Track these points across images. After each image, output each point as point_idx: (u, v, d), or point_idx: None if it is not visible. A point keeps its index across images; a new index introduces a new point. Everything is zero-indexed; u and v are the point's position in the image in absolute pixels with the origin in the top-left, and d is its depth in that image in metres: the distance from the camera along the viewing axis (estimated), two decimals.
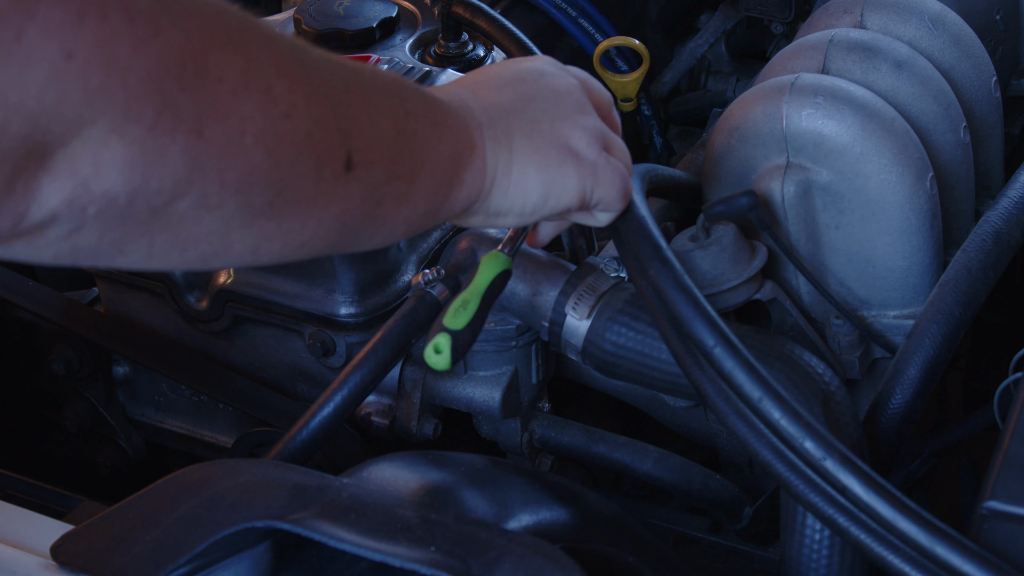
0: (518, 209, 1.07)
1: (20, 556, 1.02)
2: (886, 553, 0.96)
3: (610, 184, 1.10)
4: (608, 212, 1.13)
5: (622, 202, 1.13)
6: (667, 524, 1.42)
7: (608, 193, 1.10)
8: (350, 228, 0.93)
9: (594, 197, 1.09)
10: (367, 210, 0.93)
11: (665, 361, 1.24)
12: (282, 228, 0.87)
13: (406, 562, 0.89)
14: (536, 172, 1.06)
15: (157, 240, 0.81)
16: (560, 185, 1.07)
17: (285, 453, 1.21)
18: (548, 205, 1.08)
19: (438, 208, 1.01)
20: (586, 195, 1.09)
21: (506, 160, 1.05)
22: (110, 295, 1.54)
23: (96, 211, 0.75)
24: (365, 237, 0.97)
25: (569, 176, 1.07)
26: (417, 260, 1.44)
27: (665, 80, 1.86)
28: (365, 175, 0.90)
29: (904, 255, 1.34)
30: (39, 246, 0.77)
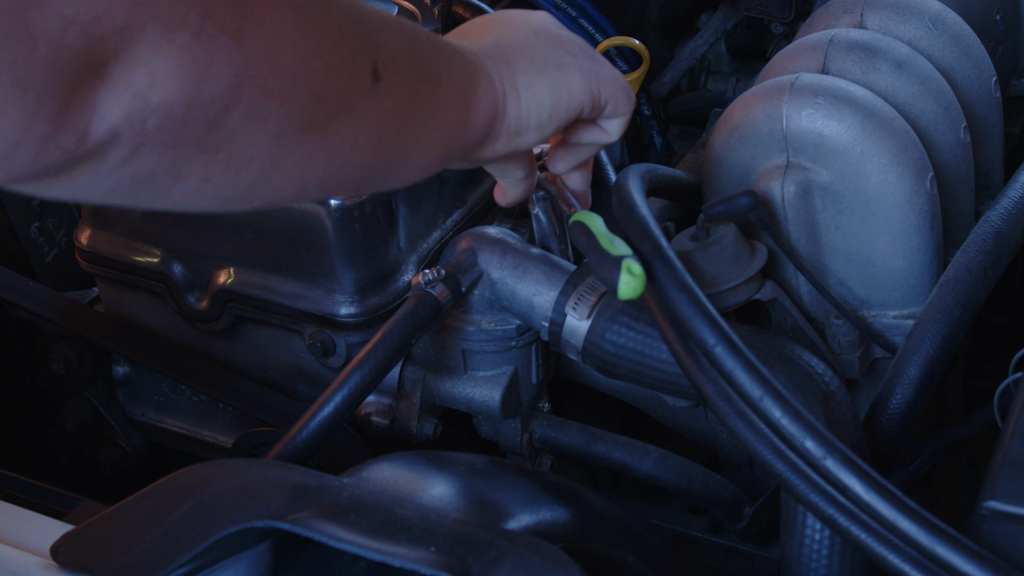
0: (535, 119, 1.10)
1: (20, 556, 1.02)
2: (886, 553, 0.96)
3: (614, 83, 1.15)
4: (617, 116, 1.17)
5: (629, 104, 1.17)
6: (667, 524, 1.42)
7: (614, 91, 1.15)
8: (386, 146, 0.96)
9: (602, 95, 1.14)
10: (398, 126, 0.96)
11: (665, 361, 1.24)
12: (324, 144, 0.89)
13: (406, 562, 0.89)
14: (540, 79, 1.10)
15: (212, 161, 0.83)
16: (567, 85, 1.12)
17: (285, 453, 1.21)
18: (561, 107, 1.12)
19: (463, 129, 1.05)
20: (594, 92, 1.13)
21: (510, 77, 1.09)
22: (110, 295, 1.54)
23: (155, 125, 0.77)
24: (400, 161, 0.99)
25: (573, 76, 1.12)
26: (417, 260, 1.44)
27: (665, 80, 1.86)
28: (391, 88, 0.93)
29: (904, 255, 1.34)
30: (100, 174, 0.78)
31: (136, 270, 1.48)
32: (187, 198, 0.85)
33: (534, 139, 1.13)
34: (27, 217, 1.74)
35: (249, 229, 1.41)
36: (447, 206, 1.49)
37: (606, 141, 1.20)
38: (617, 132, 1.18)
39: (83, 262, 1.51)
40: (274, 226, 1.39)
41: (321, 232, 1.37)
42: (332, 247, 1.38)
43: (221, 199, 0.88)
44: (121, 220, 1.47)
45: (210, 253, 1.45)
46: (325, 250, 1.38)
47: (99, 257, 1.50)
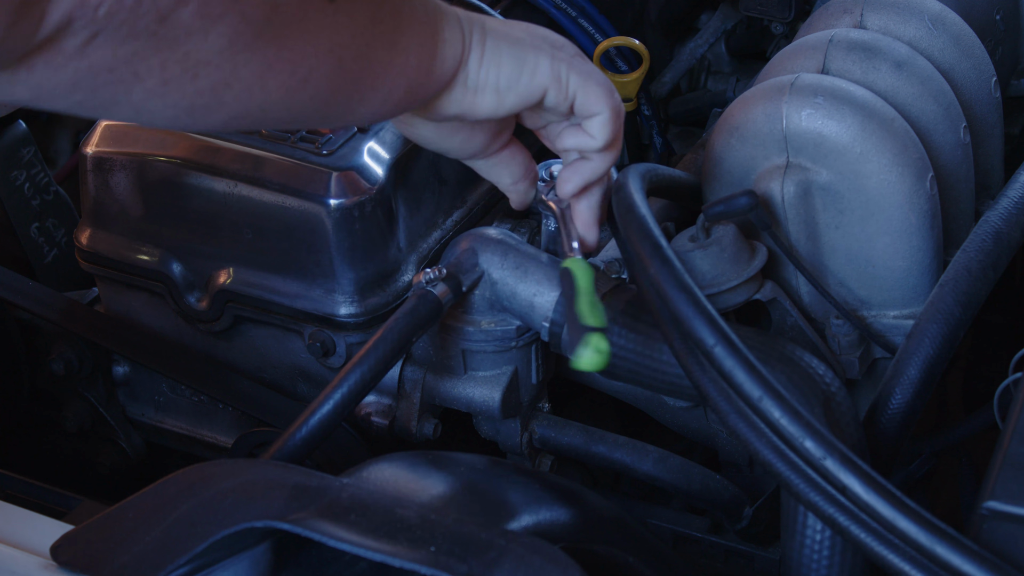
0: (493, 81, 1.10)
1: (20, 556, 1.02)
2: (886, 552, 0.96)
3: (590, 77, 1.14)
4: (594, 115, 1.15)
5: (604, 102, 1.15)
6: (667, 524, 1.42)
7: (587, 85, 1.13)
8: (348, 68, 0.97)
9: (570, 84, 1.12)
10: (359, 50, 0.97)
11: (666, 362, 1.24)
12: (282, 56, 0.91)
13: (406, 562, 0.89)
14: (508, 46, 1.10)
15: (169, 61, 0.85)
16: (533, 61, 1.11)
17: (285, 450, 1.21)
18: (523, 80, 1.11)
19: (429, 66, 1.05)
20: (561, 77, 1.12)
21: (479, 33, 1.09)
22: (110, 295, 1.54)
23: (106, 12, 0.80)
24: (366, 86, 1.00)
25: (542, 56, 1.12)
26: (417, 260, 1.44)
27: (665, 80, 1.86)
28: (348, 8, 0.95)
29: (904, 255, 1.34)
30: (58, 64, 0.81)
31: (136, 270, 1.48)
32: (148, 102, 0.87)
33: (489, 103, 1.12)
34: (27, 217, 1.74)
35: (249, 229, 1.41)
36: (447, 206, 1.49)
37: (591, 146, 1.18)
38: (600, 134, 1.16)
39: (83, 262, 1.51)
40: (274, 226, 1.39)
41: (321, 232, 1.37)
42: (332, 247, 1.38)
43: (184, 107, 0.89)
44: (121, 220, 1.47)
45: (210, 253, 1.45)
46: (325, 250, 1.38)
47: (99, 257, 1.49)
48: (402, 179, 1.41)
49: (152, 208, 1.45)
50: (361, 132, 1.40)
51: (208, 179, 1.41)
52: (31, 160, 1.75)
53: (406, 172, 1.42)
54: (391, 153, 1.40)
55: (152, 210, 1.46)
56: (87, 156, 1.46)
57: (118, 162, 1.44)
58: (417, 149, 1.42)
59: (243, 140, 1.41)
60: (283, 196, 1.38)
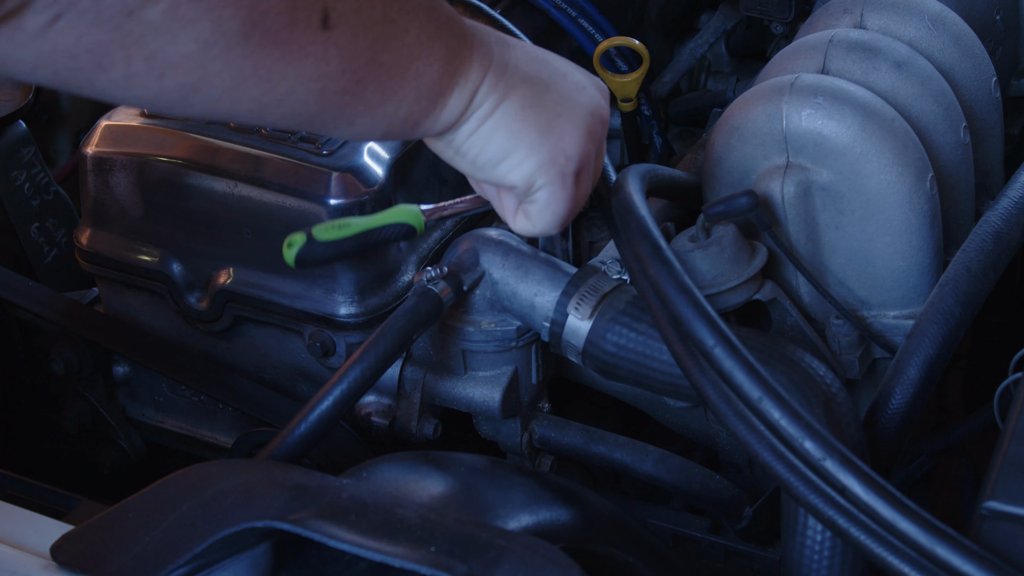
0: (472, 156, 1.09)
1: (20, 556, 1.02)
2: (886, 554, 0.96)
3: (560, 197, 1.11)
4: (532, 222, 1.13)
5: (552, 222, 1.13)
6: (667, 524, 1.42)
7: (551, 200, 1.11)
8: (329, 99, 0.94)
9: (536, 195, 1.11)
10: (348, 86, 0.94)
11: (666, 363, 1.24)
12: (259, 72, 0.88)
13: (406, 562, 0.89)
14: (504, 134, 1.08)
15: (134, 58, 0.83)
16: (517, 159, 1.09)
17: (284, 447, 1.21)
18: (497, 171, 1.10)
19: (419, 120, 1.03)
20: (533, 186, 1.10)
21: (488, 109, 1.06)
22: (110, 295, 1.54)
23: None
24: (344, 120, 0.98)
25: (531, 159, 1.09)
26: (417, 260, 1.44)
27: (665, 80, 1.86)
28: (344, 42, 0.92)
29: (904, 255, 1.34)
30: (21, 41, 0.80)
31: (136, 270, 1.48)
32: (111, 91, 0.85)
33: (463, 168, 1.11)
34: (27, 217, 1.74)
35: (249, 229, 1.41)
36: None
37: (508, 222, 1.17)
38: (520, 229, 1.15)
39: (83, 262, 1.51)
40: (274, 226, 1.39)
41: None
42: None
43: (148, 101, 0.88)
44: (121, 220, 1.47)
45: (210, 253, 1.45)
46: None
47: (99, 257, 1.49)
48: (402, 179, 1.41)
49: (152, 208, 1.45)
50: None
51: (208, 179, 1.41)
52: (31, 160, 1.75)
53: (406, 172, 1.42)
54: (391, 153, 1.40)
55: (152, 210, 1.46)
56: (87, 156, 1.46)
57: (118, 162, 1.44)
58: (417, 149, 1.42)
59: (243, 140, 1.41)
60: (283, 196, 1.38)
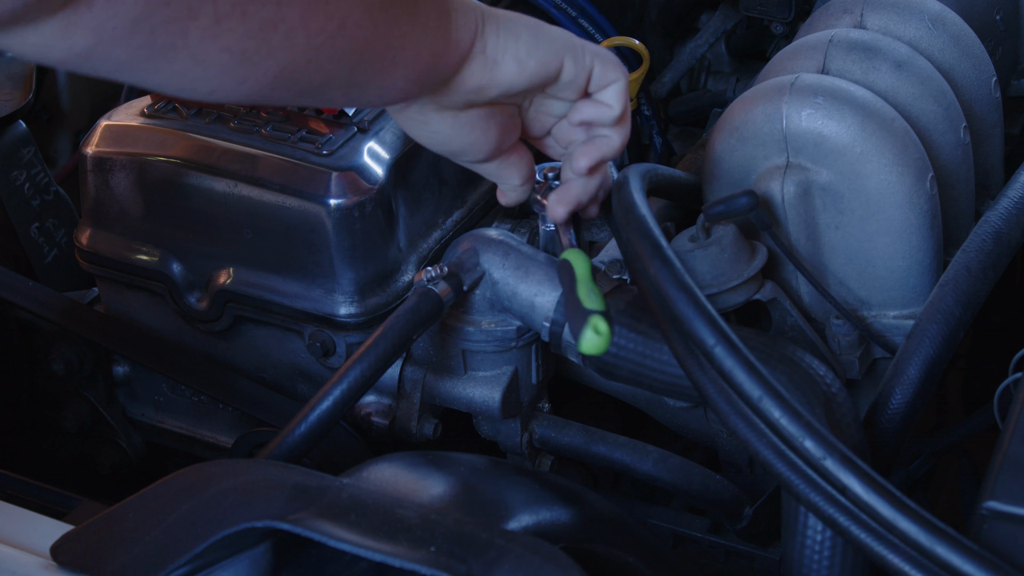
0: (512, 50, 1.11)
1: (20, 556, 1.02)
2: (886, 553, 0.96)
3: (599, 50, 1.17)
4: (610, 84, 1.17)
5: (618, 70, 1.18)
6: (667, 524, 1.42)
7: (599, 56, 1.16)
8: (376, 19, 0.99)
9: (585, 55, 1.15)
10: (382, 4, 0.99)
11: (666, 363, 1.24)
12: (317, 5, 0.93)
13: (406, 562, 0.89)
14: (524, 23, 1.13)
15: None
16: (547, 34, 1.14)
17: (284, 446, 1.21)
18: (541, 47, 1.13)
19: (446, 31, 1.07)
20: (577, 49, 1.15)
21: (491, 15, 1.11)
22: (110, 295, 1.54)
23: None
24: (395, 44, 1.02)
25: (554, 31, 1.14)
26: (417, 260, 1.44)
27: (665, 80, 1.86)
28: None
29: (904, 255, 1.34)
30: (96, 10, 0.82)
31: (136, 270, 1.48)
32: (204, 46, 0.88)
33: (510, 71, 1.12)
34: (27, 217, 1.74)
35: (249, 229, 1.41)
36: (447, 206, 1.49)
37: (608, 116, 1.19)
38: (616, 101, 1.18)
39: (83, 262, 1.51)
40: (274, 226, 1.39)
41: (321, 232, 1.37)
42: (332, 247, 1.38)
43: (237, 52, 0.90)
44: (121, 220, 1.47)
45: (210, 253, 1.45)
46: (325, 250, 1.38)
47: (99, 257, 1.49)
48: (402, 179, 1.41)
49: (152, 208, 1.45)
50: (361, 132, 1.40)
51: (208, 179, 1.41)
52: (31, 160, 1.75)
53: (406, 172, 1.42)
54: (391, 153, 1.40)
55: (152, 210, 1.46)
56: (87, 156, 1.46)
57: (118, 162, 1.44)
58: (417, 149, 1.41)
59: (243, 140, 1.41)
60: (283, 196, 1.38)
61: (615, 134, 1.20)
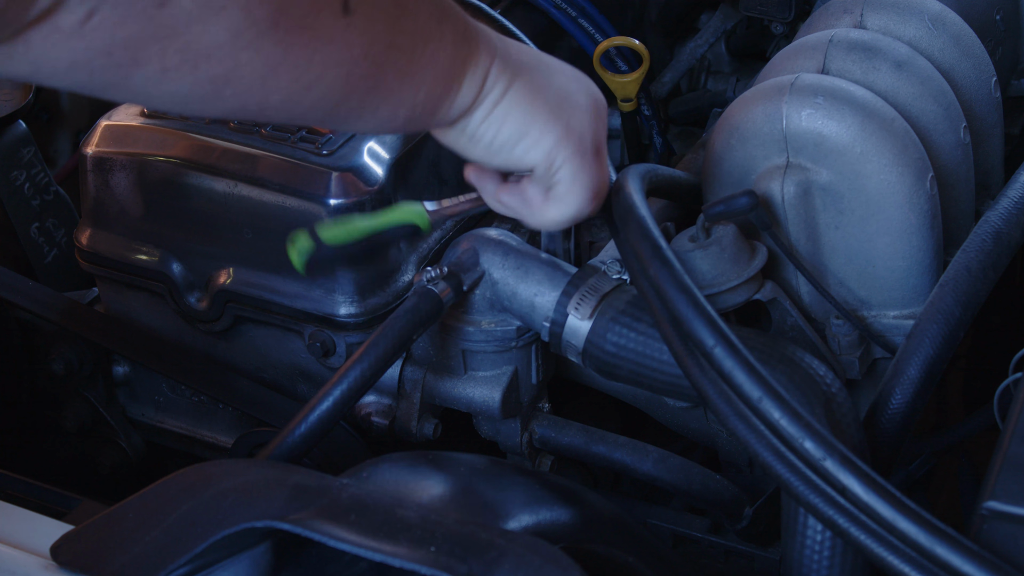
0: (487, 140, 1.10)
1: (20, 556, 1.02)
2: (886, 554, 0.96)
3: (583, 171, 1.12)
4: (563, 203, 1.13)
5: (584, 197, 1.13)
6: (667, 524, 1.42)
7: (576, 174, 1.11)
8: (354, 85, 0.96)
9: (558, 174, 1.11)
10: (370, 70, 0.96)
11: (666, 363, 1.24)
12: (288, 59, 0.90)
13: (406, 562, 0.89)
14: (520, 114, 1.09)
15: (168, 50, 0.84)
16: (534, 137, 1.10)
17: (284, 447, 1.21)
18: (515, 152, 1.10)
19: (437, 105, 1.05)
20: (553, 164, 1.11)
21: (502, 87, 1.07)
22: (110, 295, 1.54)
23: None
24: (368, 107, 0.99)
25: (547, 135, 1.10)
26: (417, 260, 1.44)
27: (665, 80, 1.86)
28: (364, 27, 0.94)
29: (904, 255, 1.34)
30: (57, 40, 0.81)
31: (136, 270, 1.48)
32: (146, 89, 0.86)
33: (478, 155, 1.12)
34: (27, 217, 1.74)
35: (249, 229, 1.41)
36: None
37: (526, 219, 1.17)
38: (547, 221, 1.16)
39: (83, 262, 1.51)
40: (274, 226, 1.39)
41: None
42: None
43: (181, 96, 0.88)
44: (121, 220, 1.47)
45: (210, 253, 1.45)
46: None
47: (99, 257, 1.49)
48: (402, 179, 1.41)
49: (152, 208, 1.45)
50: None
51: (208, 179, 1.41)
52: (31, 160, 1.75)
53: (406, 172, 1.42)
54: (391, 153, 1.40)
55: (152, 210, 1.46)
56: (87, 156, 1.46)
57: (118, 162, 1.44)
58: (417, 149, 1.42)
59: (243, 140, 1.41)
60: (283, 196, 1.38)
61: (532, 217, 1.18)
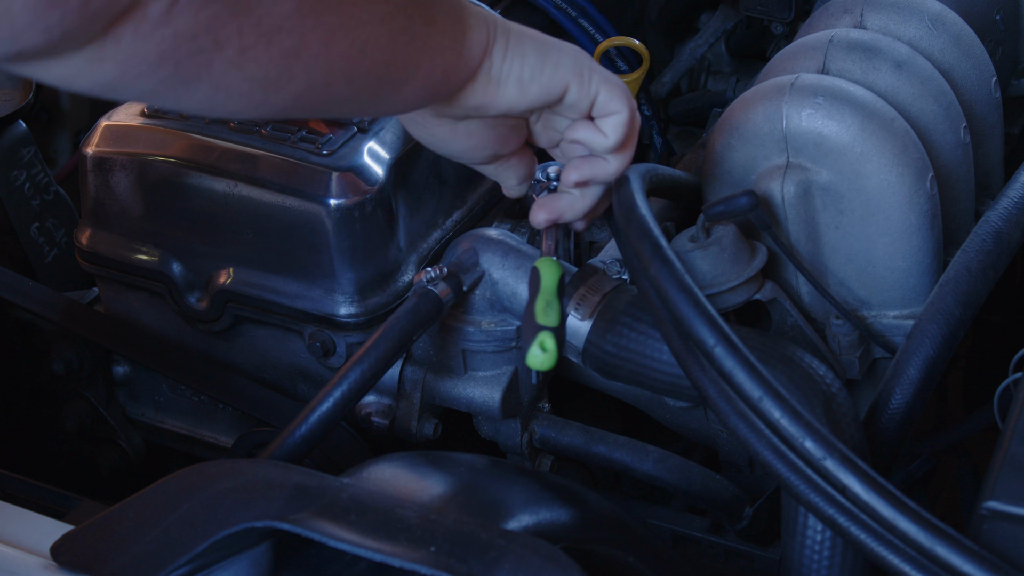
0: (516, 72, 1.11)
1: (20, 556, 1.02)
2: (886, 553, 0.96)
3: (610, 80, 1.15)
4: (612, 115, 1.16)
5: (624, 103, 1.16)
6: (667, 524, 1.42)
7: (608, 86, 1.15)
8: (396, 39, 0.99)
9: (592, 82, 1.14)
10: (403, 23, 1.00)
11: (666, 363, 1.24)
12: (342, 23, 0.94)
13: (406, 562, 0.89)
14: (532, 42, 1.12)
15: (244, 27, 0.87)
16: (555, 57, 1.13)
17: (284, 448, 1.21)
18: (546, 72, 1.12)
19: (460, 48, 1.07)
20: (583, 74, 1.13)
21: (503, 29, 1.10)
22: (110, 295, 1.54)
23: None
24: (412, 62, 1.02)
25: (564, 54, 1.13)
26: (417, 260, 1.44)
27: (665, 80, 1.86)
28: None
29: (904, 255, 1.34)
30: (145, 33, 0.83)
31: (136, 270, 1.48)
32: (227, 75, 0.89)
33: (511, 95, 1.12)
34: (27, 217, 1.74)
35: (249, 229, 1.41)
36: (447, 206, 1.49)
37: (601, 143, 1.18)
38: (613, 131, 1.17)
39: (83, 262, 1.51)
40: (274, 226, 1.39)
41: (321, 232, 1.37)
42: (332, 247, 1.38)
43: (259, 79, 0.91)
44: (121, 220, 1.47)
45: (210, 253, 1.45)
46: (325, 250, 1.38)
47: (99, 257, 1.49)
48: (402, 179, 1.41)
49: (152, 208, 1.45)
50: (361, 132, 1.40)
51: (208, 179, 1.41)
52: (31, 160, 1.75)
53: (406, 172, 1.42)
54: (391, 153, 1.40)
55: (152, 210, 1.46)
56: (87, 156, 1.46)
57: (118, 162, 1.44)
58: (417, 149, 1.42)
59: (243, 140, 1.41)
60: (283, 196, 1.38)
61: (613, 159, 1.19)
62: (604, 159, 1.19)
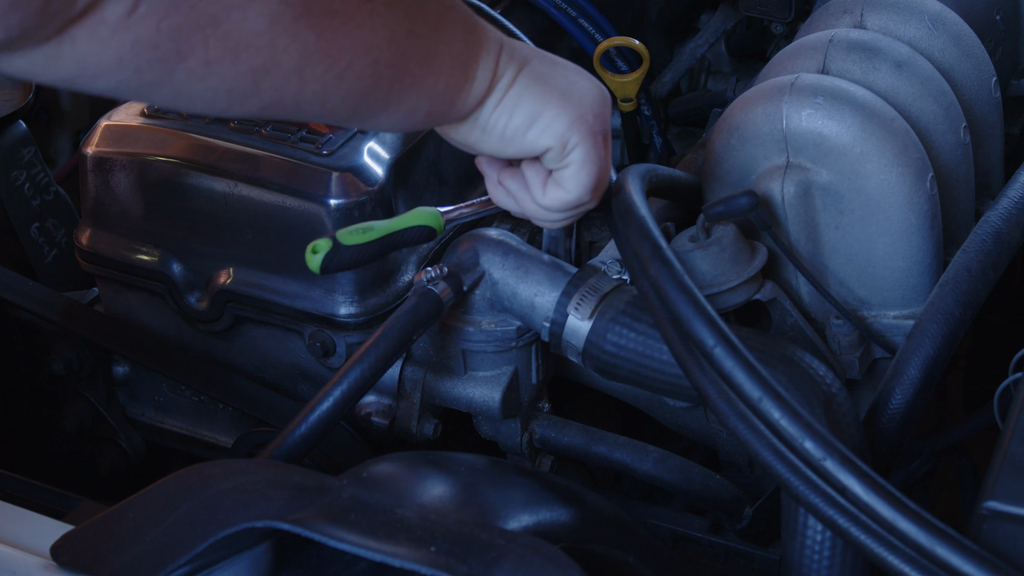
0: (500, 129, 1.10)
1: (20, 556, 1.02)
2: (886, 554, 0.96)
3: (589, 159, 1.13)
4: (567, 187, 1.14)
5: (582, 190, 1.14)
6: (667, 524, 1.42)
7: (580, 165, 1.12)
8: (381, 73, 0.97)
9: (571, 155, 1.12)
10: (394, 58, 0.98)
11: (666, 363, 1.24)
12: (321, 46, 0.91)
13: (406, 562, 0.89)
14: (531, 98, 1.10)
15: (210, 39, 0.85)
16: (547, 120, 1.11)
17: (284, 447, 1.21)
18: (528, 137, 1.11)
19: (456, 93, 1.05)
20: (566, 146, 1.12)
21: (511, 74, 1.08)
22: (110, 295, 1.54)
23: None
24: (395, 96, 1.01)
25: (561, 118, 1.11)
26: (417, 260, 1.44)
27: (665, 80, 1.86)
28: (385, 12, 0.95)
29: (904, 255, 1.34)
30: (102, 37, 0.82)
31: (136, 270, 1.48)
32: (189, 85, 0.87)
33: (492, 147, 1.12)
34: (27, 217, 1.74)
35: (249, 229, 1.41)
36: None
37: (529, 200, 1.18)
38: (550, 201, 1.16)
39: (83, 262, 1.51)
40: (274, 226, 1.39)
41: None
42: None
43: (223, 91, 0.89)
44: (121, 220, 1.47)
45: (210, 253, 1.45)
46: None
47: (99, 257, 1.50)
48: (402, 179, 1.41)
49: (152, 208, 1.46)
50: (361, 132, 1.40)
51: (208, 179, 1.41)
52: (31, 160, 1.75)
53: (406, 172, 1.42)
54: (391, 153, 1.40)
55: (152, 210, 1.46)
56: (87, 156, 1.46)
57: (118, 162, 1.44)
58: (417, 149, 1.42)
59: (243, 140, 1.41)
60: (283, 196, 1.38)
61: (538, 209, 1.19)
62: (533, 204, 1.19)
